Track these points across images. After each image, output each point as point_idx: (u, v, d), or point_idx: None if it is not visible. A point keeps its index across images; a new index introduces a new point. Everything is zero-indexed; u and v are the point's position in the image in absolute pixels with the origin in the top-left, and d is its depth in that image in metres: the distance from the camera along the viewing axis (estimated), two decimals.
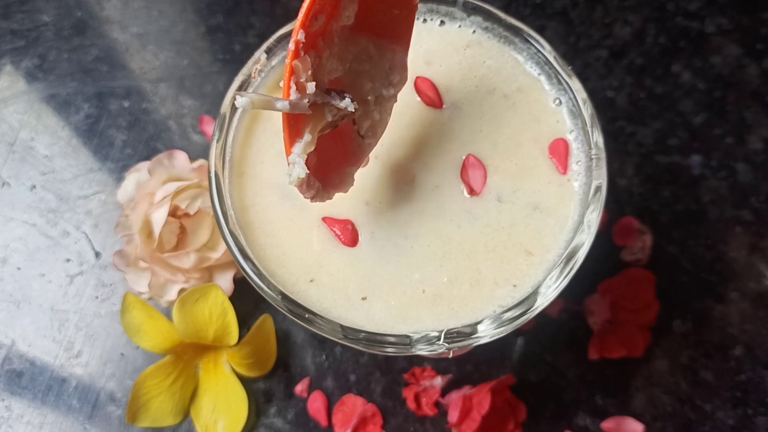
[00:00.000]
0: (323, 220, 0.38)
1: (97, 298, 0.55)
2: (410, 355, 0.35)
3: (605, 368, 0.51)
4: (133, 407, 0.49)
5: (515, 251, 0.37)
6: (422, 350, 0.34)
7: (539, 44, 0.40)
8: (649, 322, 0.52)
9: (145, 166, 0.55)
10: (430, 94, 0.40)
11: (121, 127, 0.61)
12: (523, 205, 0.38)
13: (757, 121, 0.58)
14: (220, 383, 0.51)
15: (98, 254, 0.57)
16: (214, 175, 0.38)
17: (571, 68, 0.39)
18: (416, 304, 0.36)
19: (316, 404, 0.51)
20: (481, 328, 0.34)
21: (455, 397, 0.49)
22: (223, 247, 0.51)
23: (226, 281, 0.52)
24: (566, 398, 0.51)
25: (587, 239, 0.35)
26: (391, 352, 0.35)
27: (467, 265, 0.36)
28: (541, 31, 0.62)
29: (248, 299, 0.52)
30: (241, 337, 0.50)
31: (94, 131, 0.61)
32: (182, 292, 0.50)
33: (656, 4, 0.63)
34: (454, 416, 0.47)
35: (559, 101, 0.39)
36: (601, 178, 0.36)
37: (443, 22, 0.42)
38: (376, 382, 0.52)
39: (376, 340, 0.34)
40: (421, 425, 0.51)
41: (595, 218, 0.36)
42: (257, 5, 0.65)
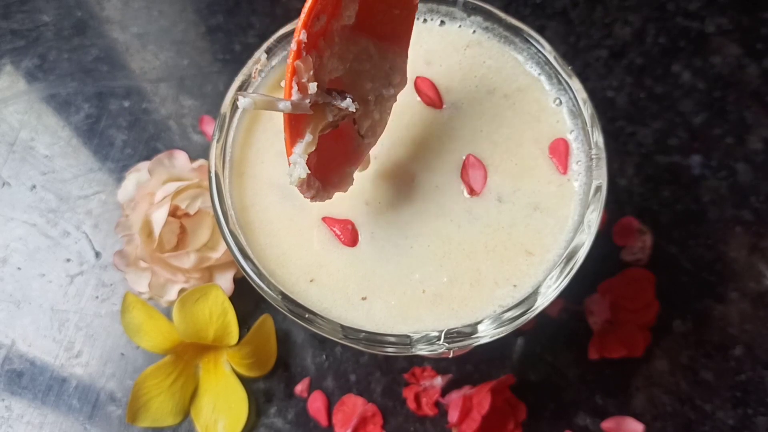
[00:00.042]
0: (323, 220, 0.38)
1: (97, 298, 0.55)
2: (410, 355, 0.35)
3: (605, 368, 0.51)
4: (133, 407, 0.49)
5: (515, 251, 0.37)
6: (422, 350, 0.34)
7: (539, 44, 0.40)
8: (649, 322, 0.52)
9: (145, 166, 0.55)
10: (430, 94, 0.40)
11: (121, 127, 0.61)
12: (523, 205, 0.38)
13: (757, 121, 0.58)
14: (220, 383, 0.51)
15: (98, 254, 0.57)
16: (214, 175, 0.38)
17: (571, 68, 0.39)
18: (416, 304, 0.36)
19: (316, 404, 0.51)
20: (481, 328, 0.34)
21: (455, 397, 0.49)
22: (223, 247, 0.51)
23: (226, 281, 0.52)
24: (566, 398, 0.51)
25: (587, 239, 0.35)
26: (391, 352, 0.35)
27: (467, 265, 0.36)
28: (541, 31, 0.62)
29: (248, 299, 0.52)
30: (241, 337, 0.50)
31: (94, 131, 0.61)
32: (182, 292, 0.50)
33: (656, 4, 0.63)
34: (454, 416, 0.47)
35: (559, 101, 0.39)
36: (601, 178, 0.36)
37: (443, 22, 0.42)
38: (376, 382, 0.52)
39: (376, 340, 0.34)
40: (421, 425, 0.51)
41: (595, 218, 0.36)
42: (257, 5, 0.65)
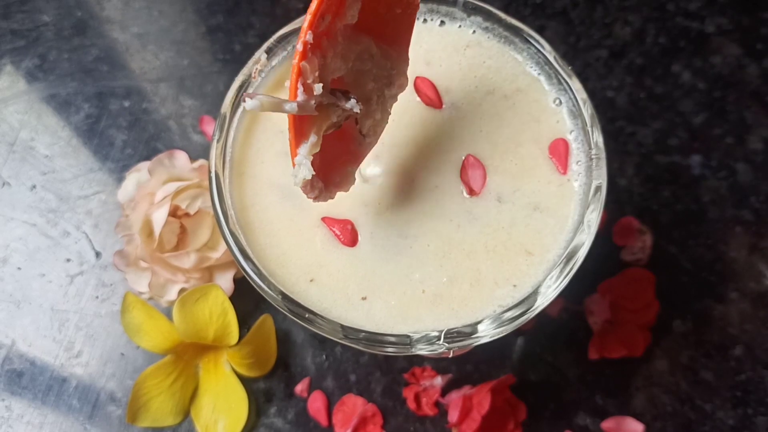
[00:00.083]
0: (323, 220, 0.38)
1: (97, 298, 0.55)
2: (410, 355, 0.35)
3: (605, 368, 0.51)
4: (133, 407, 0.49)
5: (515, 251, 0.37)
6: (422, 350, 0.34)
7: (539, 44, 0.39)
8: (649, 322, 0.52)
9: (145, 166, 0.55)
10: (429, 94, 0.40)
11: (121, 127, 0.61)
12: (523, 205, 0.38)
13: (757, 121, 0.58)
14: (220, 383, 0.51)
15: (98, 254, 0.57)
16: (214, 174, 0.37)
17: (571, 68, 0.39)
18: (416, 304, 0.36)
19: (316, 404, 0.51)
20: (481, 328, 0.34)
21: (455, 396, 0.49)
22: (223, 246, 0.51)
23: (226, 281, 0.52)
24: (566, 398, 0.51)
25: (587, 239, 0.35)
26: (391, 352, 0.35)
27: (467, 265, 0.36)
28: (541, 31, 0.62)
29: (248, 299, 0.52)
30: (241, 337, 0.50)
31: (94, 131, 0.61)
32: (182, 292, 0.50)
33: (656, 4, 0.63)
34: (454, 416, 0.47)
35: (559, 101, 0.39)
36: (601, 178, 0.36)
37: (443, 22, 0.42)
38: (376, 382, 0.52)
39: (376, 340, 0.34)
40: (421, 425, 0.51)
41: (595, 218, 0.35)
42: (257, 5, 0.65)
